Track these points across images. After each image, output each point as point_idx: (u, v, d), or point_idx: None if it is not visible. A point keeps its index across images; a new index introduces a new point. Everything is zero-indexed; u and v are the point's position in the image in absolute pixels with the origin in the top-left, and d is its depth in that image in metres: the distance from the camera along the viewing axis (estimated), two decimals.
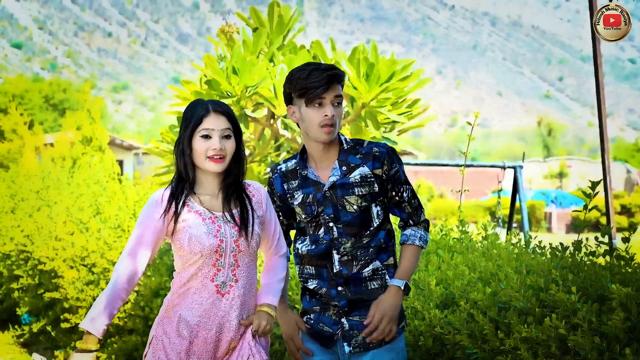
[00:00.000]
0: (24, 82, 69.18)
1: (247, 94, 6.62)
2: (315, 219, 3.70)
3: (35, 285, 10.86)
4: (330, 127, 3.62)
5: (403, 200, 3.73)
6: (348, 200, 3.65)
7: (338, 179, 3.66)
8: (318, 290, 3.74)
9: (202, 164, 3.63)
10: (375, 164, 3.66)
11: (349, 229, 3.66)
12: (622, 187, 51.59)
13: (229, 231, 3.63)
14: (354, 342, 3.66)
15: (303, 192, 3.73)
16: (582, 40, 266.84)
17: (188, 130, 3.62)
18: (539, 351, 3.56)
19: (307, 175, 3.73)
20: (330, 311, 3.71)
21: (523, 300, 3.75)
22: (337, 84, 3.63)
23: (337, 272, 3.66)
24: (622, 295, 3.34)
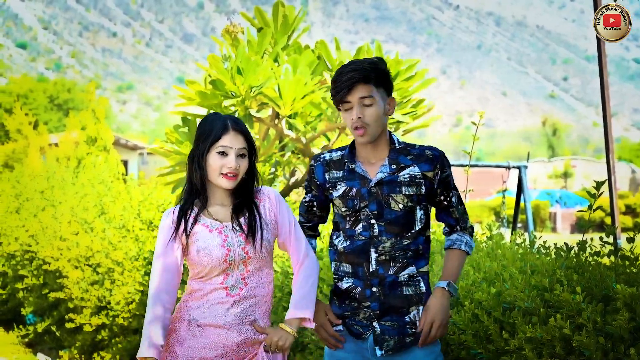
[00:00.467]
0: (29, 82, 69.24)
1: (252, 94, 6.62)
2: (356, 213, 3.64)
3: (39, 285, 10.87)
4: (360, 129, 3.57)
5: (451, 205, 3.70)
6: (394, 198, 3.59)
7: (386, 176, 3.60)
8: (352, 289, 3.68)
9: (214, 179, 3.68)
10: (428, 166, 3.62)
11: (391, 227, 3.60)
12: (626, 187, 51.55)
13: (237, 239, 3.68)
14: (386, 347, 3.61)
15: (347, 185, 3.67)
16: (587, 40, 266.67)
17: (206, 144, 3.66)
18: (544, 351, 3.56)
19: (354, 169, 3.67)
20: (361, 315, 3.66)
21: (528, 300, 3.75)
22: (362, 84, 3.55)
23: (373, 271, 3.61)
24: (627, 296, 3.34)
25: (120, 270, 8.68)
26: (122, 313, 8.57)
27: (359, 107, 3.56)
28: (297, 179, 8.65)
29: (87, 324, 9.02)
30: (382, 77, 3.59)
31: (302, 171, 8.59)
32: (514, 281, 3.92)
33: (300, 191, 9.71)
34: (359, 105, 3.56)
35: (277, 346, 3.72)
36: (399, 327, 3.61)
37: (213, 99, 6.59)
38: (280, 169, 8.48)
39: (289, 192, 8.39)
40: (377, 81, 3.58)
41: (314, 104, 7.14)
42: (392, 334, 3.61)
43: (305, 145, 7.65)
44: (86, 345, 9.39)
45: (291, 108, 6.68)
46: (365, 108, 3.57)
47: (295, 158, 8.37)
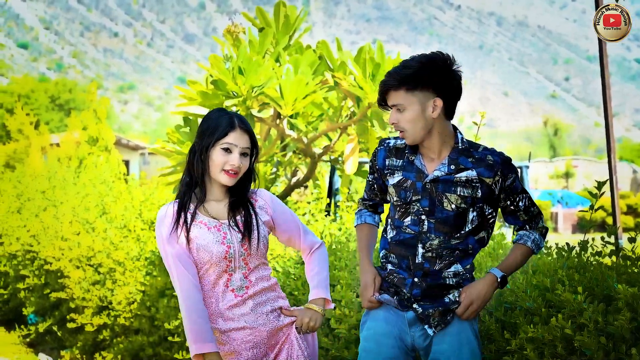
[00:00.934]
0: (30, 82, 69.25)
1: (253, 94, 6.62)
2: (406, 205, 3.62)
3: (41, 285, 10.88)
4: (400, 132, 3.60)
5: (519, 209, 3.66)
6: (448, 197, 3.56)
7: (443, 175, 3.58)
8: (394, 273, 3.67)
9: (215, 174, 3.68)
10: (487, 172, 3.58)
11: (440, 226, 3.57)
12: (628, 187, 51.50)
13: (235, 237, 3.69)
14: (433, 322, 3.60)
15: (403, 175, 3.65)
16: (588, 40, 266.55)
17: (211, 139, 3.65)
18: (545, 351, 3.56)
19: (414, 161, 3.65)
20: (401, 295, 3.65)
21: (529, 300, 3.75)
22: (393, 91, 3.56)
23: (418, 263, 3.59)
24: (629, 296, 3.34)
25: (121, 270, 8.68)
26: (123, 313, 8.56)
27: (394, 112, 3.59)
28: (298, 178, 8.66)
29: (89, 324, 9.02)
30: (420, 79, 3.53)
31: (303, 171, 8.59)
32: (515, 281, 3.92)
33: (301, 191, 9.72)
34: (394, 111, 3.59)
35: (308, 326, 3.76)
36: (439, 303, 3.61)
37: (214, 99, 6.60)
38: (282, 169, 8.48)
39: (290, 192, 8.39)
40: (412, 85, 3.53)
41: (316, 104, 7.14)
42: (435, 307, 3.60)
43: (307, 145, 7.66)
44: (87, 345, 9.39)
45: (293, 108, 6.68)
46: (399, 113, 3.57)
47: (297, 158, 8.37)
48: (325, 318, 3.97)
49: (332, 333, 5.14)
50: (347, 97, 7.20)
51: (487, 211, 3.65)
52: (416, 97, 3.54)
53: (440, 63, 3.55)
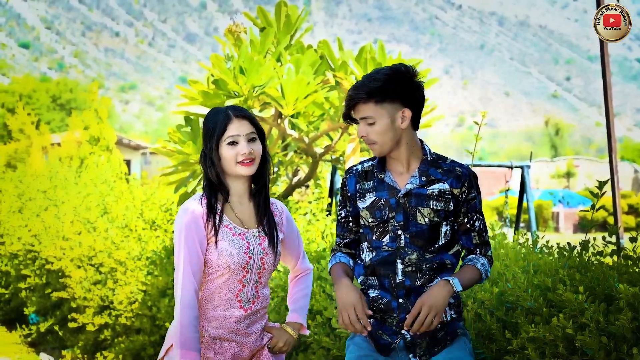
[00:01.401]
0: (32, 82, 69.28)
1: (255, 94, 6.62)
2: (384, 224, 3.57)
3: (42, 284, 10.88)
4: (370, 145, 3.57)
5: (474, 229, 3.60)
6: (421, 211, 3.53)
7: (415, 188, 3.55)
8: (378, 299, 3.59)
9: (232, 170, 3.63)
10: (456, 183, 3.56)
11: (415, 240, 3.53)
12: (629, 186, 51.51)
13: (257, 248, 3.66)
14: (419, 352, 3.54)
15: (376, 196, 3.60)
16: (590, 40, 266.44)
17: (214, 139, 3.62)
18: (547, 351, 3.56)
19: (384, 179, 3.61)
20: (388, 322, 3.58)
21: (530, 300, 3.75)
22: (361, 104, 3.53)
23: (399, 282, 3.54)
24: (630, 295, 3.34)
25: (123, 270, 8.69)
26: (124, 313, 8.57)
27: (363, 125, 3.55)
28: (299, 178, 8.66)
29: (90, 323, 9.02)
30: (388, 90, 3.52)
31: (304, 171, 8.59)
32: (516, 281, 3.92)
33: (302, 191, 9.71)
34: (363, 124, 3.55)
35: (280, 349, 3.77)
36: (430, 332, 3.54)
37: (216, 99, 6.60)
38: (283, 169, 8.48)
39: (291, 191, 8.39)
40: (380, 97, 3.51)
41: (317, 104, 7.14)
42: (422, 336, 3.54)
43: (308, 145, 7.66)
44: (89, 344, 9.39)
45: (294, 108, 6.68)
46: (369, 126, 3.54)
47: (298, 158, 8.37)
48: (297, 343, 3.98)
49: (333, 333, 5.15)
50: None
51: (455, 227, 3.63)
52: (385, 109, 3.52)
53: (406, 74, 3.54)
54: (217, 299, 3.63)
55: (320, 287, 5.47)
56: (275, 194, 8.44)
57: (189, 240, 3.56)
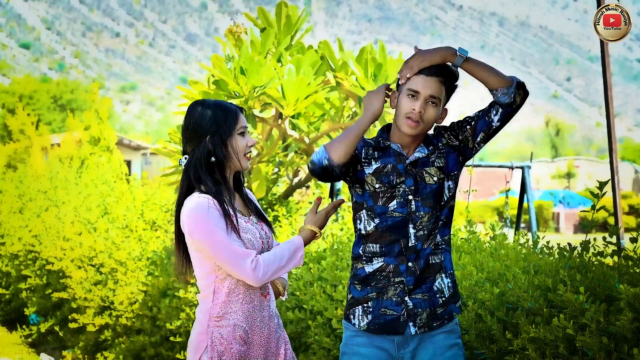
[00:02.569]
0: (32, 83, 69.32)
1: (255, 94, 6.62)
2: (391, 189, 3.57)
3: (43, 285, 10.88)
4: (414, 122, 3.52)
5: (477, 114, 3.60)
6: (428, 172, 3.57)
7: (422, 157, 3.59)
8: (384, 268, 3.57)
9: (237, 163, 3.60)
10: (440, 137, 3.62)
11: (426, 202, 3.55)
12: (630, 187, 51.50)
13: (262, 232, 3.65)
14: (419, 322, 3.53)
15: (381, 162, 3.59)
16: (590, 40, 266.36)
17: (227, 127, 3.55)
18: (547, 351, 3.56)
19: (390, 145, 3.62)
20: (390, 292, 3.56)
21: (531, 300, 3.75)
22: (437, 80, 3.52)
23: (412, 246, 3.54)
24: (630, 296, 3.34)
25: (123, 271, 8.68)
26: (125, 313, 8.57)
27: (424, 102, 3.51)
28: (300, 179, 8.66)
29: (91, 324, 9.02)
30: (452, 86, 3.58)
31: (305, 171, 8.59)
32: (517, 281, 3.92)
33: (303, 191, 9.71)
34: (424, 100, 3.51)
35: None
36: (429, 299, 3.55)
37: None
38: (284, 169, 8.48)
39: (292, 192, 8.39)
40: (448, 86, 3.56)
41: (317, 104, 7.14)
42: (424, 307, 3.54)
43: (309, 146, 7.66)
44: (89, 345, 9.39)
45: (294, 108, 6.68)
46: (429, 106, 3.52)
47: (299, 158, 8.37)
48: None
49: (333, 333, 5.15)
50: (348, 97, 7.20)
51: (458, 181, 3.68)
52: (444, 99, 3.57)
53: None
54: (242, 292, 3.57)
55: (320, 288, 5.47)
56: (275, 194, 8.44)
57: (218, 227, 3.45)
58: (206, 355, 3.54)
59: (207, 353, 3.54)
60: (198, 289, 3.70)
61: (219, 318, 3.56)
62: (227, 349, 3.54)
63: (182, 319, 7.13)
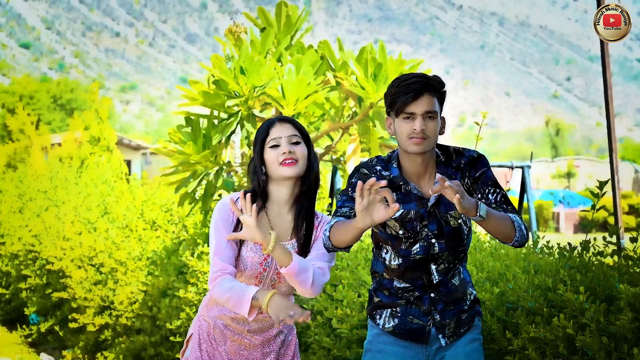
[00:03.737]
0: (32, 82, 69.31)
1: (255, 94, 6.62)
2: (415, 235, 3.52)
3: (43, 285, 10.89)
4: (419, 140, 3.43)
5: (489, 202, 3.48)
6: (452, 215, 3.51)
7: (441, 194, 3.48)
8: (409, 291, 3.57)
9: (276, 173, 3.61)
10: (463, 174, 3.54)
11: (449, 242, 3.53)
12: (630, 187, 51.47)
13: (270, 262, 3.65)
14: (448, 332, 3.53)
15: (404, 208, 3.51)
16: (590, 40, 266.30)
17: (257, 144, 3.65)
18: (547, 351, 3.56)
19: (410, 190, 3.52)
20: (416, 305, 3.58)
21: (531, 300, 3.75)
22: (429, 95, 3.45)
23: (436, 282, 3.54)
24: (630, 295, 3.34)
25: (123, 270, 8.68)
26: (125, 313, 8.57)
27: (421, 119, 3.44)
28: None
29: (90, 323, 9.03)
30: (443, 93, 3.53)
31: None
32: (517, 281, 3.92)
33: None
34: (422, 118, 3.44)
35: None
36: (454, 308, 3.57)
37: (216, 99, 6.59)
38: None
39: None
40: (439, 96, 3.51)
41: (317, 104, 7.13)
42: (450, 316, 3.55)
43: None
44: (89, 345, 9.39)
45: (294, 108, 6.67)
46: (428, 121, 3.45)
47: None
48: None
49: (333, 333, 5.14)
50: (348, 97, 7.19)
51: None
52: (439, 109, 3.51)
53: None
54: None
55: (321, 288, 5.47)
56: None
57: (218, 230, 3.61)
58: (192, 340, 3.78)
59: (193, 338, 3.78)
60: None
61: (207, 310, 3.76)
62: (205, 340, 3.73)
63: (182, 319, 7.13)
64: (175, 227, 8.65)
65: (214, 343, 3.71)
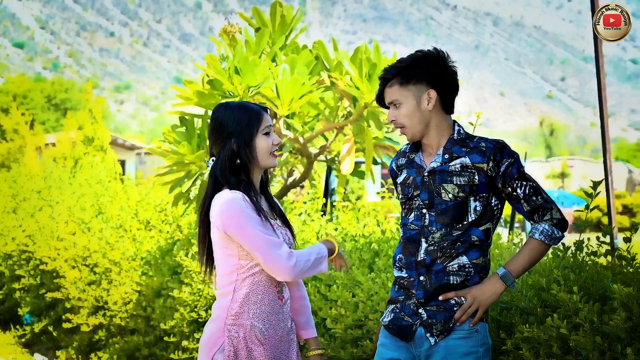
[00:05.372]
0: (26, 82, 69.19)
1: (250, 94, 6.62)
2: (409, 201, 3.63)
3: (36, 285, 10.87)
4: (399, 129, 3.66)
5: (518, 196, 3.53)
6: (445, 188, 3.53)
7: (438, 166, 3.56)
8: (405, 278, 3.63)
9: (264, 162, 3.63)
10: (480, 157, 3.52)
11: (441, 218, 3.53)
12: (623, 187, 51.55)
13: (285, 238, 3.68)
14: (435, 331, 3.52)
15: (407, 172, 3.68)
16: (584, 40, 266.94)
17: (253, 129, 3.59)
18: (541, 351, 3.56)
19: (414, 158, 3.68)
20: (411, 300, 3.59)
21: (525, 300, 3.75)
22: (387, 89, 3.64)
23: (420, 260, 3.55)
24: (624, 295, 3.34)
25: (117, 270, 8.67)
26: (119, 313, 8.56)
27: (392, 109, 3.63)
28: (294, 178, 8.65)
29: (84, 324, 9.01)
30: (412, 71, 3.59)
31: (299, 171, 8.59)
32: None
33: (297, 191, 9.71)
34: (392, 108, 3.63)
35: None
36: (445, 310, 3.53)
37: (211, 99, 6.59)
38: (278, 169, 8.48)
39: (286, 192, 8.38)
40: (405, 78, 3.59)
41: (312, 104, 7.13)
42: (439, 318, 3.52)
43: (303, 145, 7.65)
44: (83, 345, 9.38)
45: (289, 108, 6.67)
46: (396, 109, 3.62)
47: (293, 158, 8.37)
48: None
49: (328, 333, 5.15)
50: (343, 97, 7.19)
51: (494, 202, 3.58)
52: (410, 91, 3.58)
53: (433, 57, 3.65)
54: (261, 293, 3.61)
55: (315, 288, 5.48)
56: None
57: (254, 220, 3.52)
58: (221, 353, 3.58)
59: (222, 351, 3.58)
60: (216, 285, 3.71)
61: (236, 316, 3.59)
62: (242, 348, 3.57)
63: (176, 319, 7.12)
64: (170, 227, 8.64)
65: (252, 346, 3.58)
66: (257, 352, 3.58)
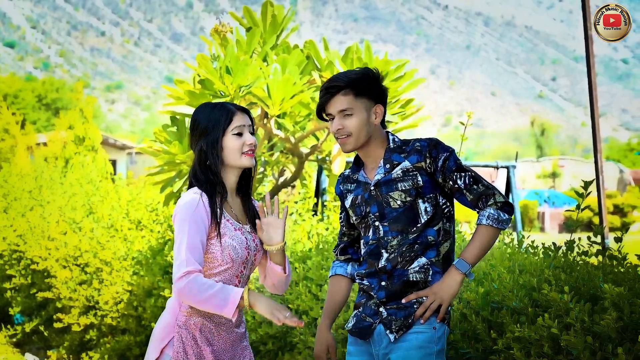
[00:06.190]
0: (17, 82, 69.04)
1: (241, 94, 6.61)
2: (364, 219, 3.68)
3: (27, 285, 10.85)
4: (341, 139, 3.65)
5: (460, 187, 3.58)
6: (392, 196, 3.59)
7: (382, 177, 3.62)
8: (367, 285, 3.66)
9: (235, 161, 3.61)
10: (417, 157, 3.59)
11: (394, 226, 3.59)
12: (614, 187, 51.65)
13: (252, 244, 3.65)
14: (395, 327, 3.54)
15: (355, 194, 3.73)
16: (575, 40, 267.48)
17: (219, 130, 3.58)
18: (532, 351, 3.57)
19: (358, 178, 3.74)
20: (371, 300, 3.65)
21: (516, 299, 3.76)
22: (340, 96, 3.62)
23: (381, 267, 3.59)
24: (615, 295, 3.35)
25: (108, 270, 8.66)
26: (110, 313, 8.55)
27: (339, 118, 3.62)
28: (285, 178, 8.65)
29: (76, 323, 9.00)
30: (366, 86, 3.63)
31: (290, 171, 8.59)
32: (502, 281, 3.93)
33: (289, 191, 9.71)
34: (339, 117, 3.62)
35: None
36: (405, 308, 3.56)
37: (202, 99, 6.58)
38: (269, 169, 8.47)
39: (277, 191, 8.38)
40: (358, 89, 3.61)
41: (303, 104, 7.13)
42: (399, 316, 3.55)
43: (294, 145, 7.65)
44: (74, 345, 9.37)
45: (280, 108, 6.67)
46: (346, 118, 3.61)
47: (284, 158, 8.37)
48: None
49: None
50: None
51: (441, 201, 3.63)
52: (363, 103, 3.63)
53: (376, 75, 3.68)
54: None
55: (306, 287, 5.47)
56: (261, 194, 8.43)
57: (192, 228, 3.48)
58: (170, 347, 3.57)
59: (171, 346, 3.57)
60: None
61: (188, 313, 3.58)
62: (192, 345, 3.56)
63: None
64: (161, 227, 8.63)
65: (202, 345, 3.56)
66: (205, 351, 3.56)
